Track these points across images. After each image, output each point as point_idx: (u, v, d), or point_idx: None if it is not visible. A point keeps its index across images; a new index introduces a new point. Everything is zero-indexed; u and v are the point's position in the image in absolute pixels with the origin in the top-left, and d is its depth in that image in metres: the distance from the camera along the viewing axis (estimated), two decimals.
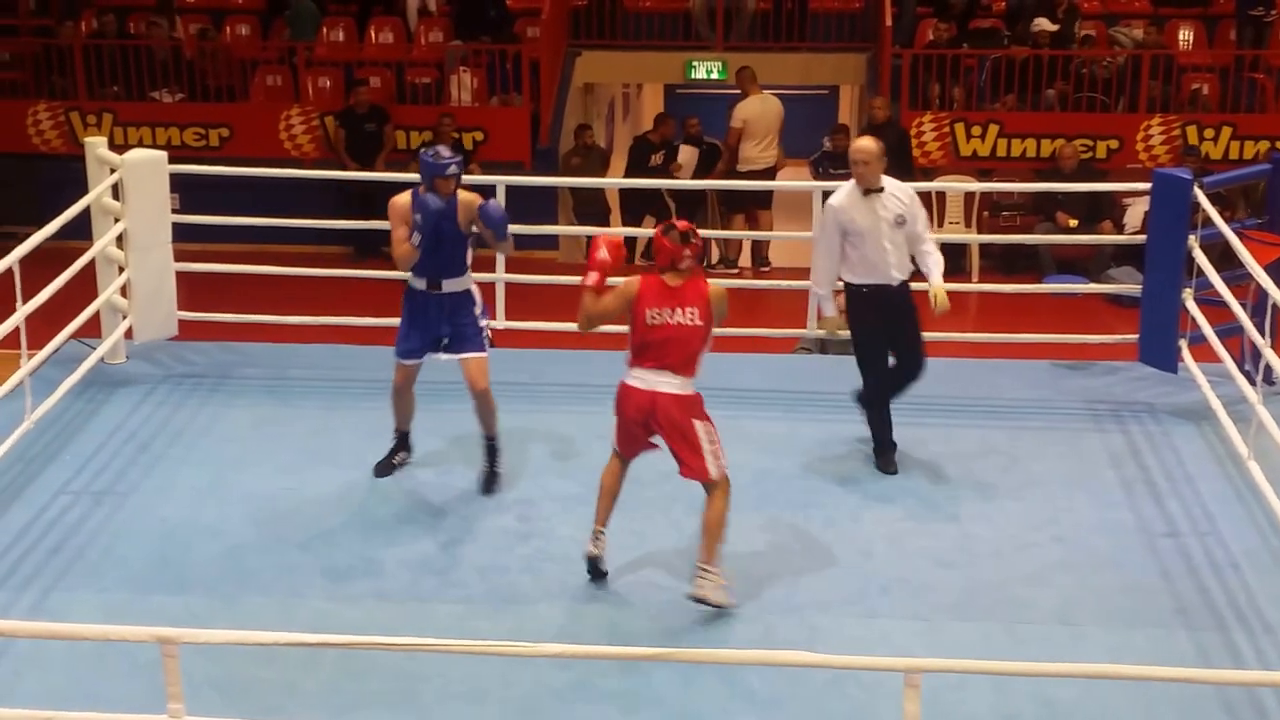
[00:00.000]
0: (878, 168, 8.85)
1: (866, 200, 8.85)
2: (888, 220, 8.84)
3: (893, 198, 8.88)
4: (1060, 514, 8.64)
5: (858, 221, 8.84)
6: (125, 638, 6.14)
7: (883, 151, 8.90)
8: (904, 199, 8.91)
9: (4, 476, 8.78)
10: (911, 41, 18.54)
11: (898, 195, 8.90)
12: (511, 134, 18.11)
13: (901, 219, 8.85)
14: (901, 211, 8.86)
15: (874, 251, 8.86)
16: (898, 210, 8.86)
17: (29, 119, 18.48)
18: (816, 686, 6.87)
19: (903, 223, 8.86)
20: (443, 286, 8.73)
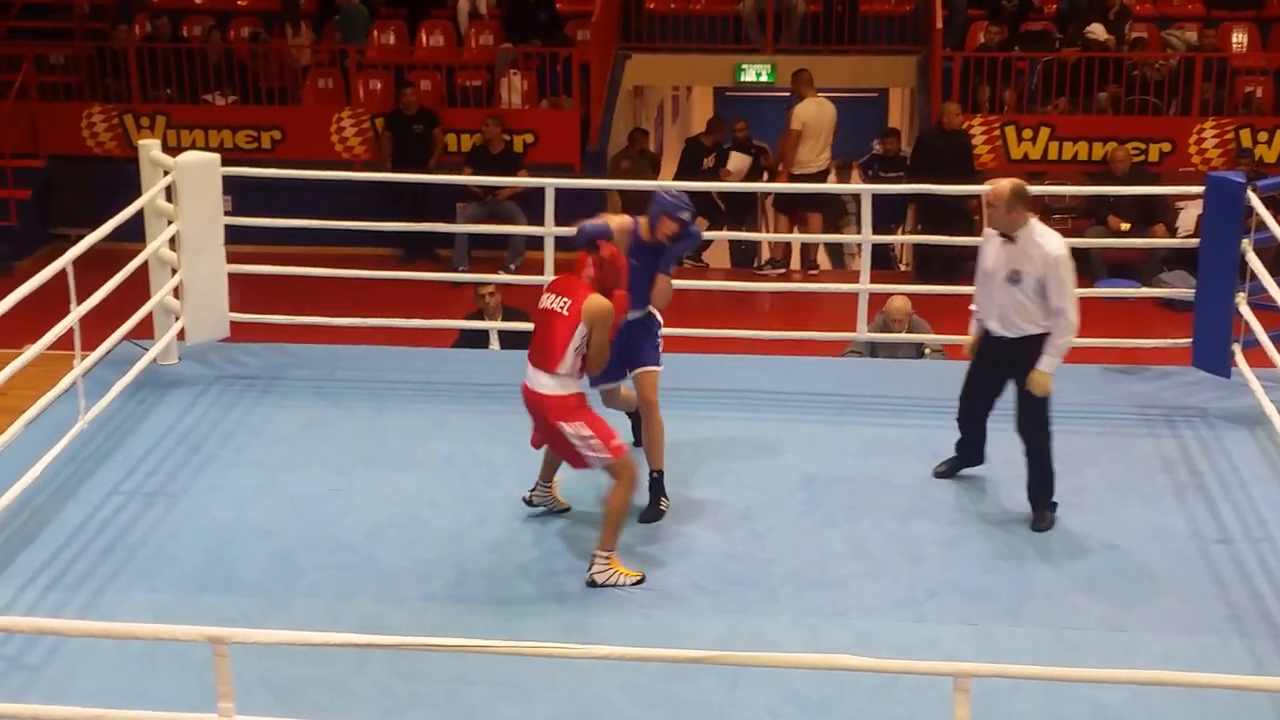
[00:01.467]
0: (1004, 214, 8.18)
1: (1000, 243, 8.31)
2: (1004, 270, 8.26)
3: (1025, 253, 8.18)
4: (1112, 519, 8.59)
5: (986, 259, 8.42)
6: (177, 637, 6.18)
7: (1015, 197, 8.13)
8: (1035, 258, 8.13)
9: (57, 477, 8.82)
10: (962, 44, 18.50)
11: (1029, 253, 8.17)
12: (561, 136, 18.13)
13: (1016, 276, 8.18)
14: (1021, 269, 8.17)
15: (986, 294, 8.45)
16: (1018, 265, 8.18)
17: (83, 121, 18.60)
18: (865, 691, 6.85)
19: (1016, 280, 8.19)
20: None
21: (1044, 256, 8.11)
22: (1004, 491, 8.89)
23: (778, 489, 8.88)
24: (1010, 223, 8.19)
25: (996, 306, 8.35)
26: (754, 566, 8.08)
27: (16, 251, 17.65)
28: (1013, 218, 8.16)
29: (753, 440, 9.51)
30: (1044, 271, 8.11)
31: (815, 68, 18.90)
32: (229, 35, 19.32)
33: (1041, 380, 8.27)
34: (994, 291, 8.35)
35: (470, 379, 10.41)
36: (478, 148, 17.63)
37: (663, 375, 8.68)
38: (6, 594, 7.73)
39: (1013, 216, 8.16)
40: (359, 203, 15.58)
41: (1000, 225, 8.25)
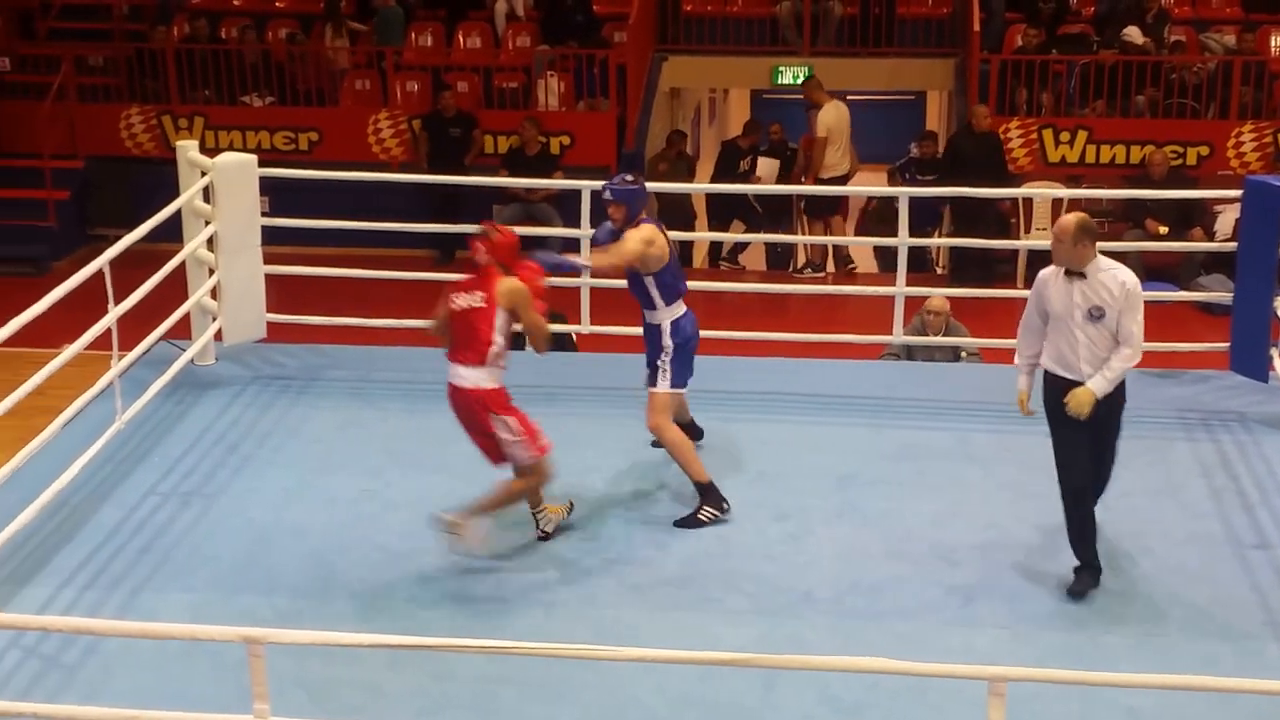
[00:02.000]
0: (1070, 249, 7.71)
1: (1065, 281, 7.80)
2: (1081, 309, 7.75)
3: (1100, 286, 7.74)
4: (1149, 524, 8.56)
5: (1052, 303, 7.85)
6: (212, 637, 6.20)
7: (1081, 232, 7.71)
8: (1114, 289, 7.71)
9: (95, 477, 8.86)
10: (1000, 47, 18.46)
11: (1106, 285, 7.74)
12: (598, 138, 18.14)
13: (1098, 312, 7.71)
14: (1101, 304, 7.71)
15: (1065, 341, 7.83)
16: (1096, 301, 7.71)
17: (122, 122, 18.69)
18: (900, 694, 6.84)
19: (1099, 316, 7.72)
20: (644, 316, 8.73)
21: (1121, 287, 7.70)
22: (1040, 496, 8.86)
23: (814, 491, 8.88)
24: (1078, 258, 7.72)
25: (1084, 349, 7.76)
26: (790, 569, 8.08)
27: (55, 252, 17.74)
28: (1080, 252, 7.71)
29: (789, 443, 9.50)
30: (1125, 303, 7.72)
31: (852, 70, 18.93)
32: (266, 37, 19.37)
33: (1085, 399, 7.76)
34: (1068, 334, 7.79)
35: (506, 380, 10.39)
36: (514, 149, 17.67)
37: (701, 376, 8.69)
38: (44, 593, 7.76)
39: (1079, 251, 7.70)
40: (396, 204, 15.60)
41: (1067, 261, 7.75)
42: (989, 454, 9.33)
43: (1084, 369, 7.80)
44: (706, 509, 8.51)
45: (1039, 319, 7.98)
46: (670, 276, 8.52)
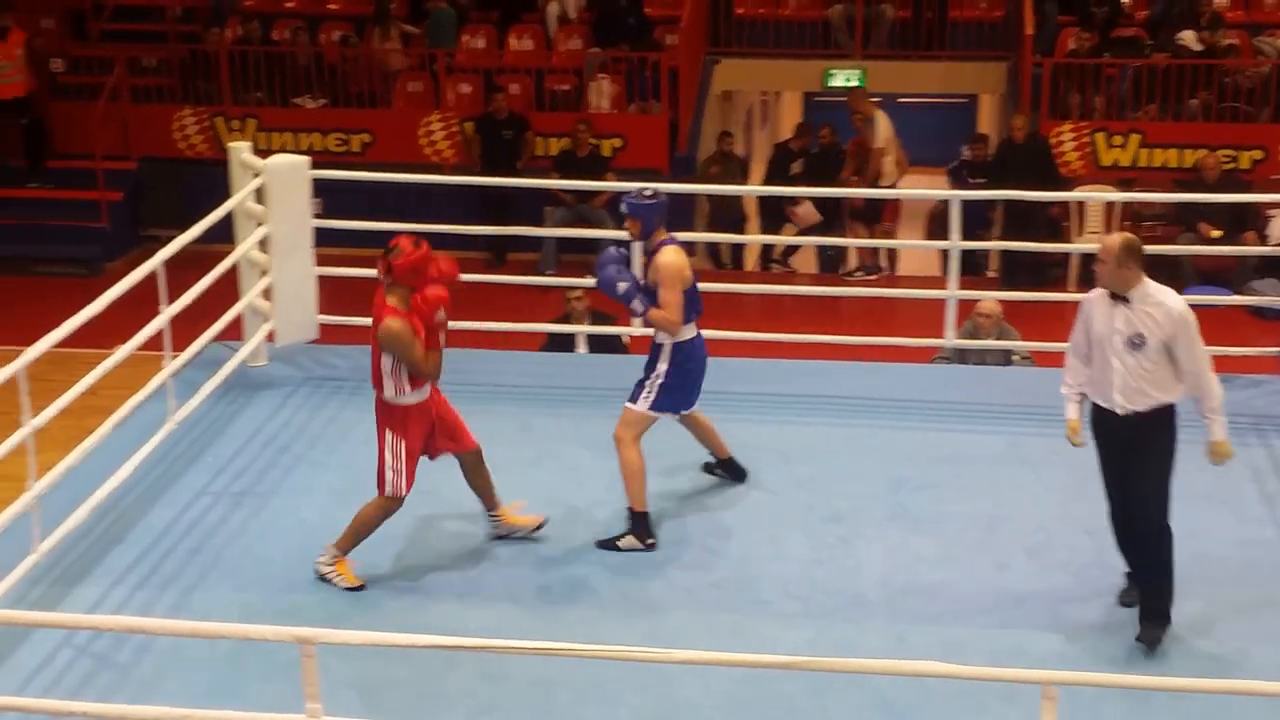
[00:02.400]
0: (1114, 270, 7.30)
1: (1110, 305, 7.39)
2: (1122, 335, 7.33)
3: (1144, 314, 7.32)
4: (1200, 528, 8.50)
5: (1095, 326, 7.46)
6: (265, 637, 6.22)
7: (1126, 253, 7.28)
8: (1157, 317, 7.29)
9: (147, 477, 8.90)
10: (1052, 50, 18.39)
11: (1151, 311, 7.31)
12: (649, 141, 18.15)
13: (1139, 340, 7.30)
14: (1144, 331, 7.29)
15: (1101, 366, 7.46)
16: (1139, 328, 7.30)
17: (175, 124, 18.80)
18: (952, 698, 6.82)
19: (1139, 344, 7.30)
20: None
21: (1167, 314, 7.27)
22: (1091, 500, 8.82)
23: (865, 495, 8.86)
24: (1121, 280, 7.29)
25: (1118, 377, 7.37)
26: (841, 572, 8.07)
27: (108, 253, 17.86)
28: (1124, 275, 7.28)
29: (840, 446, 9.48)
30: (1171, 332, 7.27)
31: (904, 73, 18.93)
32: (319, 39, 19.44)
33: (1224, 449, 7.56)
34: (1105, 360, 7.40)
35: (557, 382, 10.43)
36: (565, 152, 17.69)
37: (753, 379, 8.67)
38: (96, 593, 7.81)
39: (1123, 274, 7.28)
40: (447, 206, 15.63)
41: (1110, 283, 7.34)
42: (1040, 458, 9.29)
43: (1116, 398, 7.41)
44: (630, 538, 8.32)
45: (1085, 342, 7.58)
46: (686, 298, 8.33)
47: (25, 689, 6.91)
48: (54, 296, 13.62)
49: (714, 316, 8.51)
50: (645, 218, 8.31)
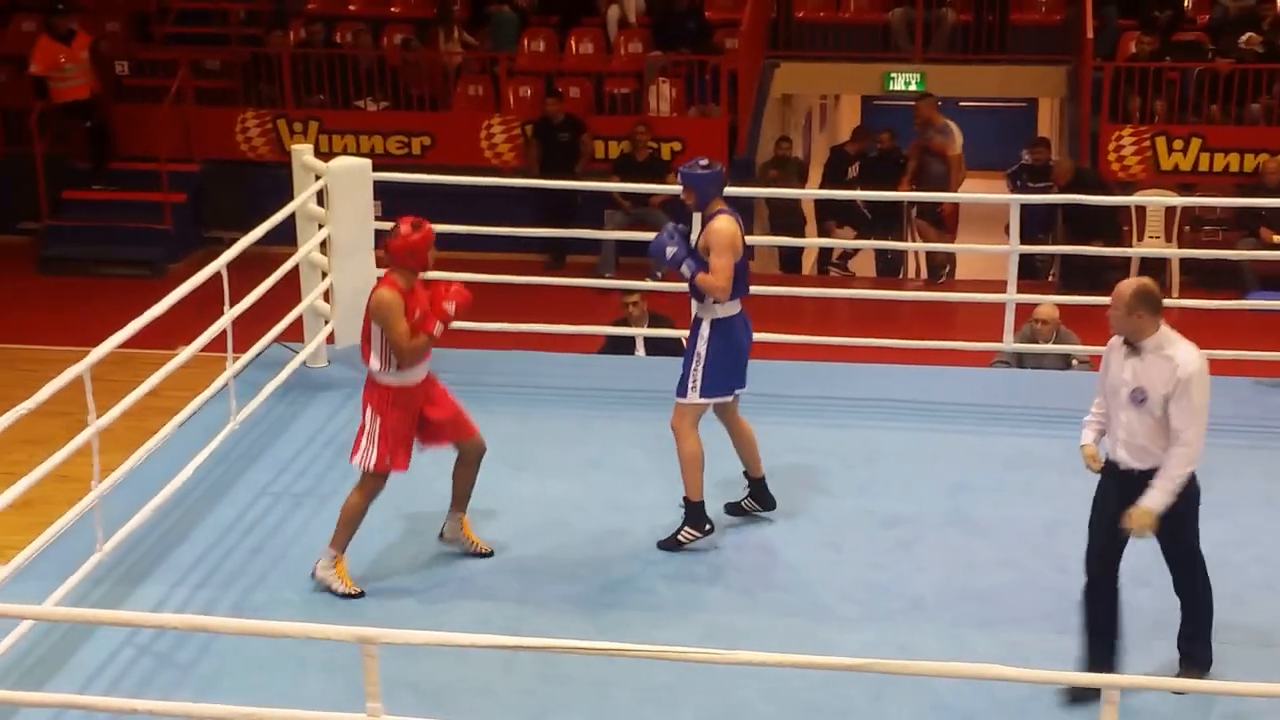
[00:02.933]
0: (1124, 317, 6.91)
1: (1124, 353, 7.01)
2: (1128, 387, 6.94)
3: (1155, 367, 6.90)
4: (1261, 533, 8.48)
5: (1109, 373, 7.10)
6: (327, 636, 6.25)
7: (1137, 299, 6.89)
8: (1163, 374, 6.84)
9: (209, 477, 8.96)
10: (1113, 54, 18.31)
11: (1159, 367, 6.88)
12: (709, 144, 18.12)
13: (1141, 395, 6.87)
14: (1146, 385, 6.87)
15: (1111, 416, 7.11)
16: (1144, 382, 6.88)
17: (237, 126, 18.89)
18: (1013, 702, 6.81)
19: (1141, 400, 6.87)
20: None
21: (1173, 370, 6.82)
22: None
23: (924, 498, 8.85)
24: (1134, 329, 6.89)
25: (1122, 431, 6.99)
26: (900, 575, 8.07)
27: (171, 254, 17.97)
28: (1135, 323, 6.88)
29: (899, 449, 9.48)
30: (1171, 389, 6.81)
31: (964, 77, 18.89)
32: (381, 42, 19.52)
33: (1143, 519, 6.88)
34: (1118, 413, 7.01)
35: (616, 385, 10.46)
36: (625, 155, 17.72)
37: (813, 382, 8.64)
38: (159, 591, 7.87)
39: (1135, 321, 6.88)
40: (508, 209, 15.68)
41: (1122, 330, 6.95)
42: None
43: (1120, 453, 7.03)
44: (688, 530, 8.32)
45: (1102, 387, 7.21)
46: (735, 271, 8.20)
47: (88, 688, 6.97)
48: (117, 298, 13.74)
49: (772, 320, 8.49)
50: (700, 187, 8.37)
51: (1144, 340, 6.88)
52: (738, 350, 8.36)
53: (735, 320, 8.33)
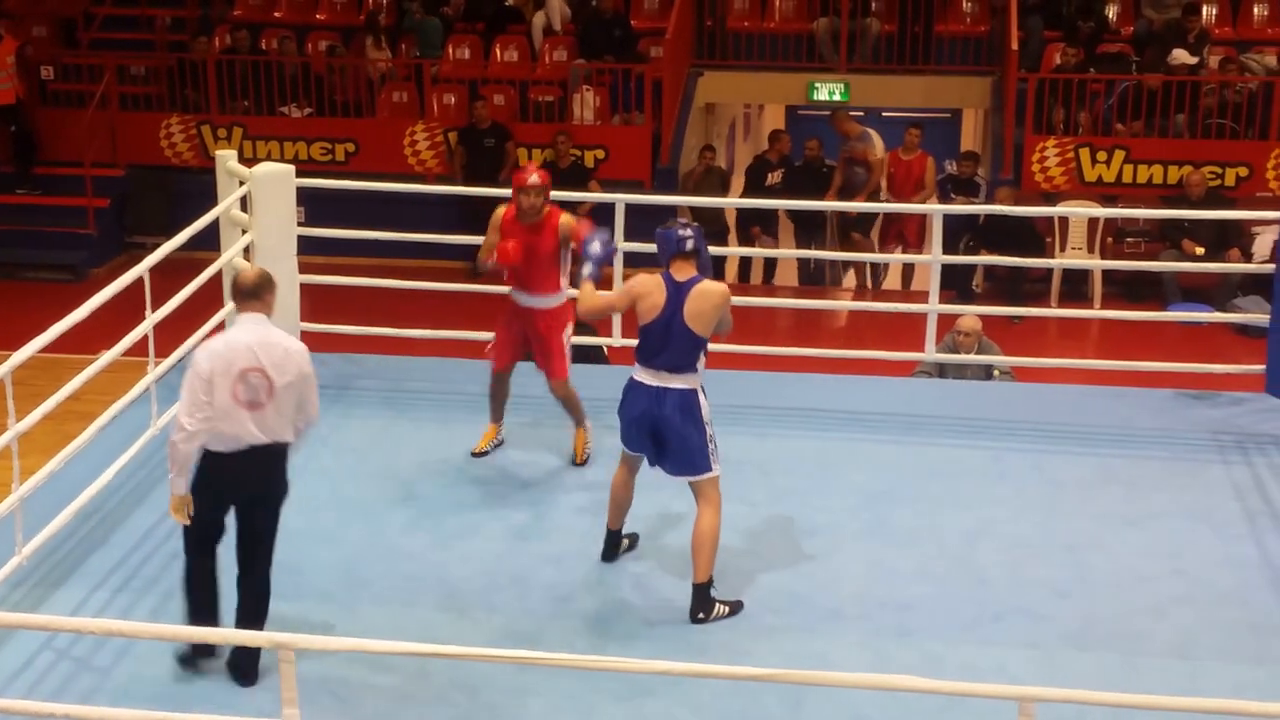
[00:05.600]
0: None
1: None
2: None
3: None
4: (1181, 546, 8.54)
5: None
6: (244, 642, 6.24)
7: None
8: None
9: (129, 481, 8.90)
10: (1038, 65, 18.43)
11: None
12: (633, 153, 18.18)
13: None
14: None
15: None
16: None
17: (162, 132, 18.80)
18: (929, 713, 6.82)
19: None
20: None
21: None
22: (1072, 515, 8.86)
23: (844, 508, 8.88)
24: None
25: None
26: (820, 586, 8.08)
27: (94, 259, 17.88)
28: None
29: (820, 459, 9.51)
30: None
31: (888, 87, 18.97)
32: (306, 49, 19.47)
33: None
34: None
35: (537, 392, 10.43)
36: (548, 163, 17.71)
37: (736, 391, 8.66)
38: (78, 595, 7.81)
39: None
40: (431, 215, 15.66)
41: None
42: (1021, 473, 9.33)
43: None
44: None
45: None
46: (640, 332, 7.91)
47: (5, 691, 6.92)
48: (39, 302, 13.66)
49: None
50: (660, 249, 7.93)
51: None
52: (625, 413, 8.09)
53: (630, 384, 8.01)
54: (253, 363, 7.00)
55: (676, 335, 7.67)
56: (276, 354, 7.05)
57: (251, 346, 7.03)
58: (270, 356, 7.03)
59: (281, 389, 7.04)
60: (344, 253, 12.75)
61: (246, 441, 7.03)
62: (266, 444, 7.08)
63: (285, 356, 7.07)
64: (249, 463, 7.08)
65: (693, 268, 7.75)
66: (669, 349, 7.69)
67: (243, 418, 7.00)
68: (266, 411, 7.03)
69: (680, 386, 7.73)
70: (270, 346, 7.05)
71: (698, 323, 7.66)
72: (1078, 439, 9.85)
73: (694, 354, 7.73)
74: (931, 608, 7.89)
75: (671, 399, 7.73)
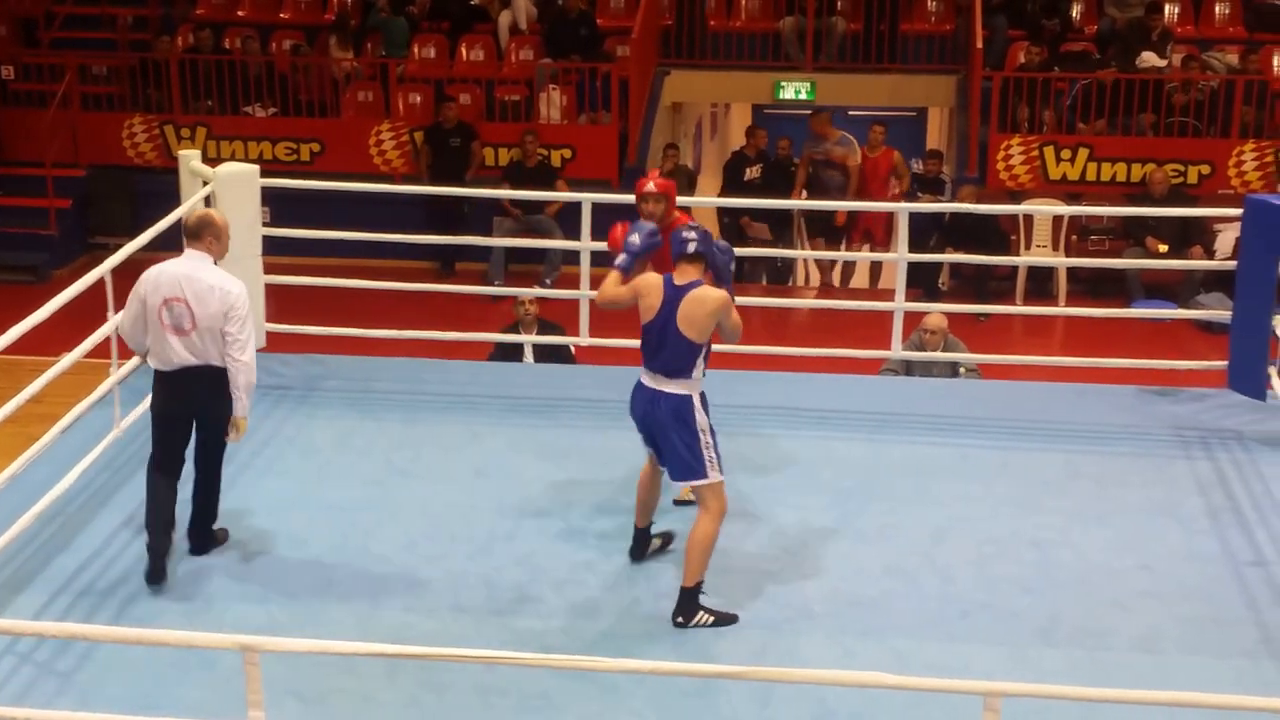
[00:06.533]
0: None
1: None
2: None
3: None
4: (1146, 541, 8.56)
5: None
6: (208, 645, 6.19)
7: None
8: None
9: (92, 484, 8.86)
10: (1002, 64, 18.48)
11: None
12: (599, 152, 18.17)
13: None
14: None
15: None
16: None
17: (124, 132, 18.71)
18: (896, 709, 6.82)
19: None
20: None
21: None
22: (1040, 511, 8.87)
23: (812, 506, 8.87)
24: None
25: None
26: (788, 583, 8.07)
27: (55, 260, 17.78)
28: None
29: (787, 457, 9.50)
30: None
31: (854, 86, 18.98)
32: (270, 48, 19.41)
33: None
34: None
35: (504, 392, 10.44)
36: (514, 162, 17.71)
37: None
38: (39, 600, 7.76)
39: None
40: (397, 215, 15.62)
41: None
42: (988, 470, 9.33)
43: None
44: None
45: None
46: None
47: None
48: (0, 303, 13.57)
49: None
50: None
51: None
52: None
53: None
54: (176, 293, 7.83)
55: (670, 339, 7.61)
56: (200, 288, 7.82)
57: (179, 278, 7.85)
58: (194, 289, 7.82)
59: (203, 319, 7.80)
60: (309, 253, 12.73)
61: (177, 363, 7.87)
62: (198, 365, 7.87)
63: (208, 291, 7.82)
64: (185, 381, 7.90)
65: (697, 272, 7.67)
66: (663, 352, 7.65)
67: (171, 340, 7.84)
68: (192, 338, 7.83)
69: (674, 391, 7.66)
70: (196, 281, 7.84)
71: (690, 328, 7.58)
72: (1044, 436, 9.86)
73: (688, 359, 7.65)
74: (899, 605, 7.89)
75: (666, 403, 7.67)
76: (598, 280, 10.77)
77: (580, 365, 11.84)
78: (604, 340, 10.77)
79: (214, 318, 7.80)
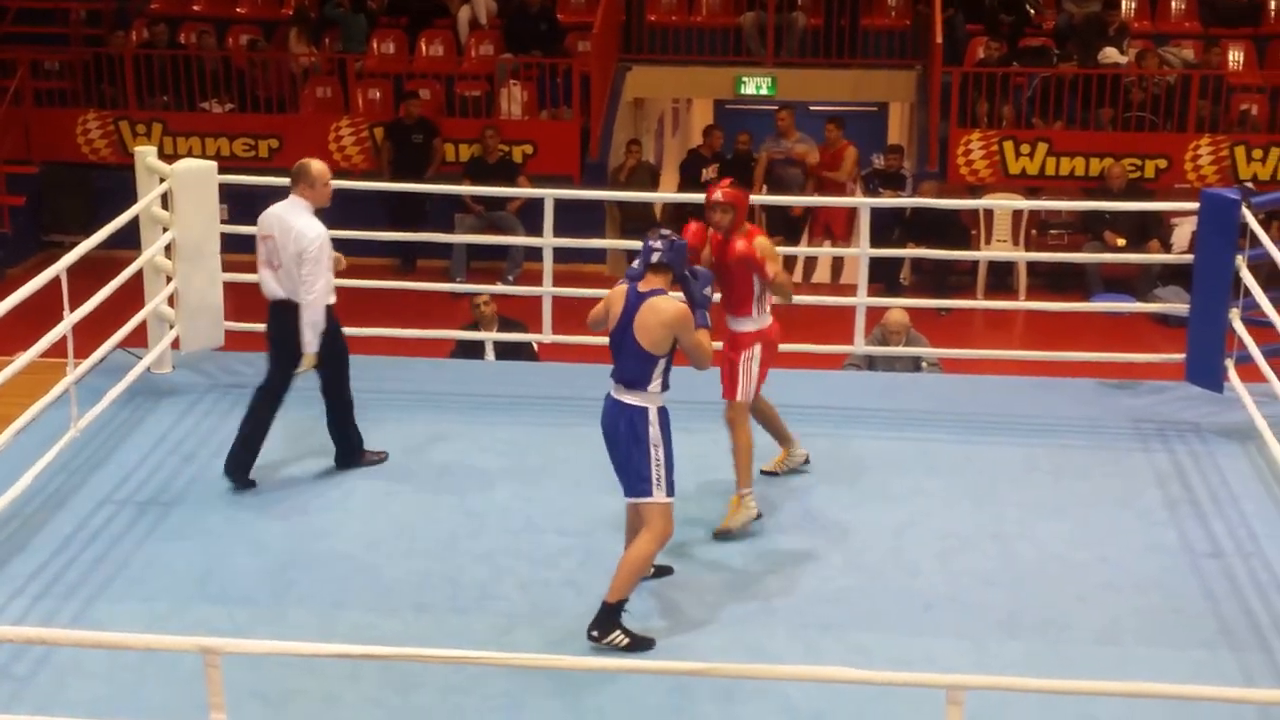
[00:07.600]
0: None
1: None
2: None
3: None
4: (1105, 533, 8.58)
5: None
6: (168, 647, 6.15)
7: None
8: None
9: (49, 485, 8.80)
10: (961, 59, 18.51)
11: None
12: (561, 147, 18.15)
13: None
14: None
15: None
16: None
17: (78, 128, 18.62)
18: (859, 703, 6.83)
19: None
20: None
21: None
22: (1002, 505, 8.88)
23: (775, 502, 8.86)
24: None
25: None
26: (750, 579, 8.07)
27: (9, 258, 17.64)
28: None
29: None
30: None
31: (815, 81, 19.01)
32: (227, 43, 19.33)
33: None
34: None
35: (466, 389, 10.41)
36: (475, 158, 17.66)
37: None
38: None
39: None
40: (357, 212, 15.55)
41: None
42: (950, 464, 9.34)
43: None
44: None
45: None
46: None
47: None
48: None
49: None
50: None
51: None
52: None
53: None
54: (270, 231, 8.81)
55: (627, 346, 7.50)
56: (286, 229, 8.72)
57: (274, 218, 8.85)
58: (282, 229, 8.75)
59: (286, 258, 8.71)
60: None
61: (270, 294, 8.86)
62: (284, 299, 8.79)
63: (286, 234, 8.71)
64: (278, 312, 8.86)
65: (662, 282, 7.53)
66: (620, 359, 7.55)
67: (266, 274, 8.85)
68: (280, 273, 8.77)
69: (630, 402, 7.54)
70: (285, 222, 8.77)
71: (644, 336, 7.44)
72: (1005, 429, 9.88)
73: (644, 369, 7.50)
74: (861, 599, 7.90)
75: (622, 414, 7.55)
76: (560, 277, 10.86)
77: (543, 363, 11.82)
78: (566, 337, 10.76)
79: (292, 258, 8.68)
